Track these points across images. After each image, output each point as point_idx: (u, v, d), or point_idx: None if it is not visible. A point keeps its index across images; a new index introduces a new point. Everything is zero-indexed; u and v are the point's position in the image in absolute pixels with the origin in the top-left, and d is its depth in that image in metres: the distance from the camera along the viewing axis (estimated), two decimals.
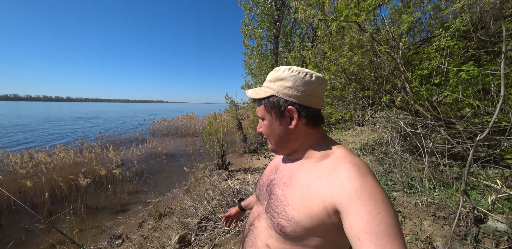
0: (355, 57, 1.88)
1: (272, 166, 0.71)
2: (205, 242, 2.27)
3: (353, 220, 0.40)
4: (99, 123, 19.25)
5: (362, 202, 0.40)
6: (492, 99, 1.72)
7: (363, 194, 0.41)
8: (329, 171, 0.50)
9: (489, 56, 2.01)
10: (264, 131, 0.62)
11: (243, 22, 6.53)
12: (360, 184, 0.43)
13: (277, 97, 0.56)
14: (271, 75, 0.59)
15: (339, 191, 0.44)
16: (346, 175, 0.46)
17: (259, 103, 0.61)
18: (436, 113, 1.69)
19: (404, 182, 1.92)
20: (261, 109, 0.60)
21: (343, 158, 0.51)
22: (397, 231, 0.38)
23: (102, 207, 3.85)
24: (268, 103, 0.58)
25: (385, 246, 0.36)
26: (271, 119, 0.59)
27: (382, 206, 0.40)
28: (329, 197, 0.46)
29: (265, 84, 0.60)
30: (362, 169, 0.46)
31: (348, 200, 0.42)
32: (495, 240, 1.33)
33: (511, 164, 1.60)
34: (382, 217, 0.38)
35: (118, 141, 9.53)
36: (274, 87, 0.57)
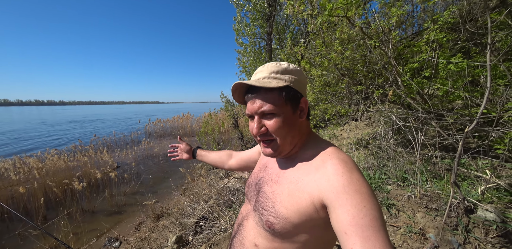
0: (346, 52, 1.88)
1: (261, 164, 0.70)
2: (202, 241, 2.27)
3: (340, 214, 0.40)
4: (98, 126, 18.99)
5: (349, 196, 0.41)
6: (481, 90, 1.74)
7: (350, 189, 0.42)
8: (317, 166, 0.50)
9: (477, 48, 2.02)
10: (276, 127, 0.52)
11: (235, 20, 6.44)
12: (347, 179, 0.43)
13: (292, 88, 0.53)
14: (275, 67, 0.54)
15: (326, 186, 0.45)
16: (333, 170, 0.46)
17: (268, 95, 0.51)
18: (427, 106, 1.70)
19: (398, 176, 1.94)
20: (274, 102, 0.51)
21: (330, 154, 0.51)
22: (381, 223, 0.39)
23: (98, 210, 3.81)
24: (287, 93, 0.52)
25: (370, 238, 0.37)
26: (287, 111, 0.52)
27: (368, 200, 0.41)
28: (316, 192, 0.46)
29: (270, 75, 0.53)
30: (349, 164, 0.47)
31: (335, 194, 0.43)
32: (484, 229, 1.36)
33: (500, 154, 1.63)
34: (367, 210, 0.39)
35: (113, 143, 9.41)
36: (286, 78, 0.53)
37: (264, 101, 0.51)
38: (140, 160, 6.77)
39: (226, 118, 7.71)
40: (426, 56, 1.70)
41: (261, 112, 0.52)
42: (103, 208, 3.89)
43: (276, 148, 0.54)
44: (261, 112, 0.52)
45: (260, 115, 0.53)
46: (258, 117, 0.53)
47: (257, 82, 0.52)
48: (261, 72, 0.55)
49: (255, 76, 0.56)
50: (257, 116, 0.53)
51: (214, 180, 3.84)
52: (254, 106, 0.53)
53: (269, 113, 0.51)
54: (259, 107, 0.52)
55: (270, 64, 0.55)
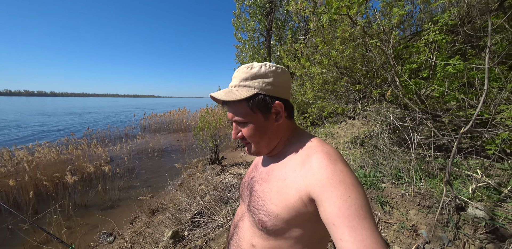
0: (346, 50, 1.87)
1: (253, 165, 0.72)
2: (198, 236, 2.28)
3: (327, 206, 0.41)
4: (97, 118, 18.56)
5: (334, 188, 0.42)
6: (476, 92, 1.78)
7: (334, 180, 0.43)
8: (302, 161, 0.51)
9: (474, 51, 2.06)
10: (249, 134, 0.56)
11: (234, 14, 6.34)
12: (331, 171, 0.44)
13: (261, 95, 0.53)
14: (246, 72, 0.54)
15: (311, 180, 0.45)
16: (317, 164, 0.47)
17: (237, 106, 0.54)
18: (423, 106, 1.73)
19: (392, 174, 1.98)
20: (243, 112, 0.54)
21: (314, 148, 0.52)
22: (367, 210, 0.39)
23: (91, 205, 3.76)
24: (254, 103, 0.53)
25: (357, 226, 0.37)
26: (258, 119, 0.54)
27: (352, 190, 0.41)
28: (303, 187, 0.47)
29: (239, 83, 0.54)
30: (332, 156, 0.48)
31: (321, 187, 0.43)
32: (473, 226, 1.41)
33: (491, 154, 1.68)
34: (352, 199, 0.40)
35: (107, 137, 9.24)
36: (255, 84, 0.53)
37: (233, 112, 0.56)
38: (134, 155, 6.68)
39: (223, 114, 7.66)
40: (425, 57, 1.72)
41: (234, 120, 0.57)
42: (96, 202, 3.84)
43: (254, 150, 0.58)
44: (235, 121, 0.57)
45: (236, 122, 0.57)
46: (235, 123, 0.58)
47: (225, 94, 0.54)
48: (234, 78, 0.57)
49: (232, 81, 0.58)
50: (234, 123, 0.58)
51: (210, 175, 3.84)
52: (229, 115, 0.58)
53: (241, 121, 0.55)
54: (231, 116, 0.57)
55: (241, 69, 0.55)
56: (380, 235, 0.37)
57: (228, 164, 4.97)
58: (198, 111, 14.12)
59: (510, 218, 1.35)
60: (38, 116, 20.31)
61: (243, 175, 3.80)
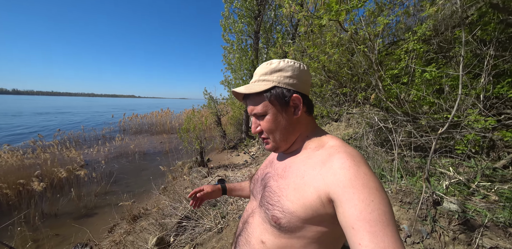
0: (335, 55, 1.97)
1: (267, 161, 0.71)
2: (185, 242, 2.19)
3: (347, 208, 0.40)
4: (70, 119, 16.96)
5: (356, 190, 0.40)
6: (446, 97, 1.97)
7: (357, 183, 0.41)
8: (323, 160, 0.50)
9: (444, 60, 2.29)
10: (267, 127, 0.57)
11: (223, 15, 6.31)
12: (354, 173, 0.43)
13: (279, 87, 0.55)
14: (265, 68, 0.57)
15: (333, 180, 0.44)
16: (340, 164, 0.45)
17: (257, 99, 0.57)
18: (404, 109, 1.87)
19: (376, 173, 2.10)
20: (262, 104, 0.56)
21: (337, 148, 0.51)
22: (390, 218, 0.38)
23: (63, 213, 3.42)
24: (272, 95, 0.55)
25: (378, 233, 0.36)
26: (276, 111, 0.56)
27: (376, 194, 0.40)
28: (323, 186, 0.46)
29: (259, 78, 0.58)
30: (356, 158, 0.47)
31: (342, 188, 0.42)
32: (448, 219, 1.54)
33: (460, 153, 1.87)
34: (375, 204, 0.38)
35: (82, 139, 8.53)
36: (273, 78, 0.56)
37: (253, 105, 0.58)
38: (113, 158, 6.25)
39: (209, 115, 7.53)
40: (405, 64, 1.87)
41: (254, 114, 0.58)
42: (69, 210, 3.50)
43: (272, 145, 0.59)
44: (254, 114, 0.58)
45: (255, 116, 0.59)
46: (255, 118, 0.59)
47: (246, 88, 0.57)
48: (255, 75, 0.60)
49: (253, 77, 0.61)
50: (254, 117, 0.60)
51: (196, 178, 3.73)
52: (249, 109, 0.60)
53: (260, 115, 0.57)
54: (251, 110, 0.58)
55: (261, 65, 0.59)
56: (403, 245, 0.36)
57: (215, 167, 4.88)
58: (182, 112, 13.70)
59: (478, 210, 1.50)
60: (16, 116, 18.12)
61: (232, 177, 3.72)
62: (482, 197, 1.57)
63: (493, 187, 1.58)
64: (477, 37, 1.79)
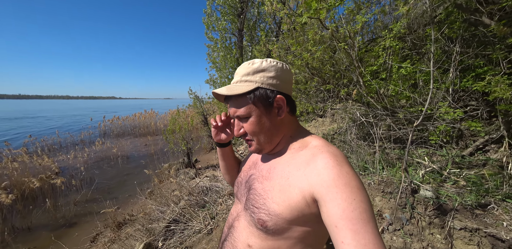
0: (317, 52, 2.00)
1: (250, 162, 0.69)
2: (174, 246, 2.14)
3: (331, 208, 0.41)
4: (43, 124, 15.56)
5: (339, 190, 0.41)
6: (420, 91, 2.11)
7: (340, 182, 0.42)
8: (307, 161, 0.50)
9: (418, 56, 2.43)
10: (251, 129, 0.55)
11: (205, 13, 6.15)
12: (337, 172, 0.44)
13: (263, 88, 0.54)
14: (247, 68, 0.55)
15: (316, 180, 0.45)
16: (323, 164, 0.46)
17: (239, 101, 0.54)
18: (383, 104, 1.96)
19: (360, 166, 2.19)
20: (245, 106, 0.54)
21: (320, 148, 0.52)
22: (370, 215, 0.40)
23: (37, 226, 3.16)
24: (255, 96, 0.53)
25: (360, 230, 0.37)
26: (260, 113, 0.54)
27: (357, 193, 0.41)
28: (307, 186, 0.46)
29: (241, 78, 0.55)
30: (339, 157, 0.48)
31: (326, 188, 0.43)
32: (424, 205, 1.66)
33: (434, 143, 2.01)
34: (357, 203, 0.40)
35: (57, 145, 7.93)
36: (256, 79, 0.54)
37: (236, 107, 0.55)
38: (93, 163, 5.88)
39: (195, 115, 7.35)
40: (383, 60, 1.96)
41: (236, 116, 0.56)
42: (44, 222, 3.24)
43: (256, 147, 0.57)
44: (237, 117, 0.56)
45: (238, 118, 0.57)
46: (237, 119, 0.58)
47: (228, 89, 0.55)
48: (236, 75, 0.58)
49: (234, 78, 0.59)
50: (237, 119, 0.58)
51: (184, 180, 3.64)
52: (231, 111, 0.57)
53: (243, 117, 0.55)
54: (233, 112, 0.56)
55: (243, 65, 0.57)
56: (382, 241, 0.38)
57: (203, 167, 4.79)
58: (167, 113, 13.25)
59: (449, 195, 1.62)
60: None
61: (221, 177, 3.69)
62: (452, 183, 1.71)
63: (461, 173, 1.72)
64: (445, 35, 1.92)
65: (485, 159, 1.78)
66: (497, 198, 1.49)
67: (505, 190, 1.46)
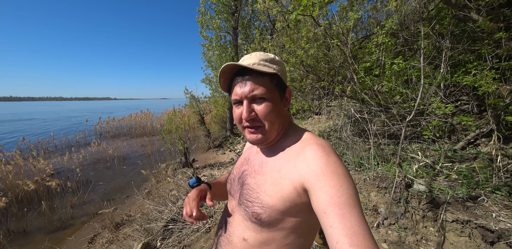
0: (311, 50, 2.01)
1: (242, 159, 0.70)
2: (173, 245, 2.14)
3: (319, 195, 0.43)
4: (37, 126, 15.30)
5: (327, 178, 0.44)
6: (414, 87, 2.13)
7: (327, 171, 0.45)
8: (297, 153, 0.52)
9: (410, 52, 2.46)
10: (266, 112, 0.52)
11: (199, 11, 6.08)
12: (325, 162, 0.46)
13: (279, 77, 0.56)
14: (265, 55, 0.56)
15: (306, 170, 0.47)
16: (311, 155, 0.48)
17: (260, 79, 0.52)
18: (377, 100, 1.98)
19: (355, 162, 2.22)
20: (266, 86, 0.52)
21: (308, 140, 0.54)
22: (356, 200, 0.42)
23: (33, 229, 3.13)
24: (277, 81, 0.55)
25: (347, 214, 0.39)
26: (276, 98, 0.55)
27: (344, 180, 0.44)
28: (297, 177, 0.48)
29: (260, 62, 0.54)
30: (326, 148, 0.50)
31: (315, 177, 0.45)
32: (418, 199, 1.69)
33: (427, 138, 2.04)
34: (344, 189, 0.42)
35: (52, 147, 7.81)
36: (274, 67, 0.56)
37: (256, 84, 0.52)
38: (88, 165, 5.82)
39: (192, 114, 7.32)
40: (376, 57, 1.97)
41: (251, 96, 0.52)
42: (40, 225, 3.20)
43: (264, 134, 0.54)
44: (251, 96, 0.52)
45: (250, 99, 0.52)
46: (248, 101, 0.53)
47: (250, 65, 0.52)
48: (249, 59, 0.55)
49: (242, 62, 0.56)
50: (247, 101, 0.53)
51: (182, 179, 3.63)
52: (244, 90, 0.52)
53: (260, 97, 0.52)
54: (250, 90, 0.51)
55: (259, 52, 0.58)
56: (366, 223, 0.40)
57: (201, 166, 4.79)
58: (164, 113, 13.15)
59: (442, 188, 1.66)
60: None
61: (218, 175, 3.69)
62: (445, 177, 1.74)
63: (453, 167, 1.76)
64: (436, 31, 1.94)
65: (476, 153, 1.82)
66: (487, 190, 1.53)
67: (494, 182, 1.50)
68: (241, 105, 0.54)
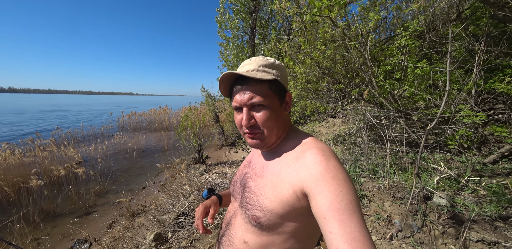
0: (328, 51, 1.95)
1: (245, 162, 0.71)
2: (182, 238, 2.23)
3: (319, 200, 0.42)
4: (76, 116, 17.12)
5: (326, 183, 0.43)
6: (440, 93, 1.98)
7: (327, 176, 0.44)
8: (297, 157, 0.52)
9: (438, 55, 2.28)
10: (265, 119, 0.52)
11: (218, 11, 6.20)
12: (324, 166, 0.45)
13: (279, 82, 0.56)
14: (264, 60, 0.56)
15: (305, 175, 0.47)
16: (311, 159, 0.48)
17: (258, 87, 0.52)
18: (397, 105, 1.87)
19: (370, 169, 2.12)
20: (264, 93, 0.52)
21: (309, 144, 0.53)
22: (356, 205, 0.41)
23: (62, 211, 3.46)
24: (276, 87, 0.55)
25: (346, 220, 0.39)
26: (275, 104, 0.55)
27: (344, 185, 0.43)
28: (297, 181, 0.48)
29: (259, 68, 0.54)
30: (326, 152, 0.49)
31: (314, 182, 0.44)
32: (437, 213, 1.58)
33: (452, 149, 1.89)
34: (344, 194, 0.41)
35: (81, 137, 8.53)
36: (273, 72, 0.55)
37: (254, 92, 0.52)
38: (111, 155, 6.26)
39: (207, 112, 7.51)
40: (398, 60, 1.86)
41: (250, 103, 0.52)
42: (68, 208, 3.53)
43: (262, 139, 0.55)
44: (250, 104, 0.52)
45: (249, 106, 0.53)
46: (247, 108, 0.53)
47: (248, 73, 0.52)
48: (248, 65, 0.56)
49: (241, 68, 0.57)
50: (246, 108, 0.53)
51: (194, 175, 3.76)
52: (243, 97, 0.53)
53: (259, 104, 0.52)
54: (248, 98, 0.52)
55: (258, 58, 0.57)
56: (367, 229, 0.39)
57: (213, 164, 4.91)
58: (180, 109, 13.66)
59: (466, 204, 1.53)
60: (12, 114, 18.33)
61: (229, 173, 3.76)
62: (471, 192, 1.60)
63: (482, 182, 1.60)
64: (470, 32, 1.78)
65: (510, 168, 1.65)
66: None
67: None
68: (241, 111, 0.55)
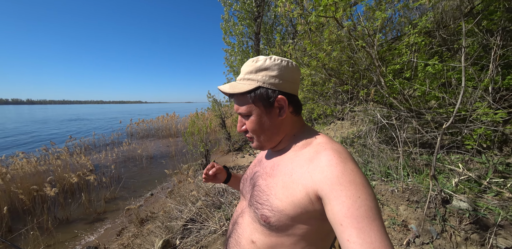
0: (334, 52, 1.94)
1: (256, 160, 0.70)
2: (191, 244, 2.20)
3: (335, 205, 0.40)
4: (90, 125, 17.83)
5: (343, 188, 0.41)
6: (453, 91, 1.90)
7: (344, 179, 0.41)
8: (310, 158, 0.50)
9: (449, 53, 2.21)
10: (251, 127, 0.56)
11: (223, 18, 6.37)
12: (341, 170, 0.43)
13: (264, 88, 0.53)
14: (250, 66, 0.54)
15: (320, 177, 0.44)
16: (327, 161, 0.45)
17: (241, 99, 0.55)
18: (407, 105, 1.81)
19: (382, 171, 2.04)
20: (246, 105, 0.55)
21: (323, 145, 0.51)
22: (376, 212, 0.39)
23: (74, 218, 3.52)
24: (256, 96, 0.53)
25: (365, 228, 0.36)
26: (260, 113, 0.55)
27: (362, 190, 0.40)
28: (311, 184, 0.46)
29: (244, 76, 0.55)
30: (343, 154, 0.47)
31: (330, 186, 0.42)
32: (458, 218, 1.47)
33: (470, 149, 1.79)
34: (362, 200, 0.39)
35: (92, 145, 8.79)
36: (258, 78, 0.53)
37: (238, 104, 0.57)
38: (121, 162, 6.39)
39: (213, 118, 7.58)
40: (407, 58, 1.81)
41: (238, 113, 0.57)
42: (80, 215, 3.59)
43: (257, 144, 0.59)
44: (239, 113, 0.57)
45: (240, 115, 0.58)
46: (240, 116, 0.59)
47: (230, 86, 0.56)
48: (241, 72, 0.58)
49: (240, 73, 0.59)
50: (240, 116, 0.59)
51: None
52: (234, 108, 0.59)
53: (245, 114, 0.56)
54: (236, 109, 0.58)
55: (247, 62, 0.56)
56: (388, 239, 0.36)
57: None
58: (187, 116, 13.90)
59: (490, 208, 1.42)
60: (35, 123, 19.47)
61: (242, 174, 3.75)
62: (494, 195, 1.49)
63: (506, 184, 1.50)
64: (483, 27, 1.72)
65: None
66: None
67: None
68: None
